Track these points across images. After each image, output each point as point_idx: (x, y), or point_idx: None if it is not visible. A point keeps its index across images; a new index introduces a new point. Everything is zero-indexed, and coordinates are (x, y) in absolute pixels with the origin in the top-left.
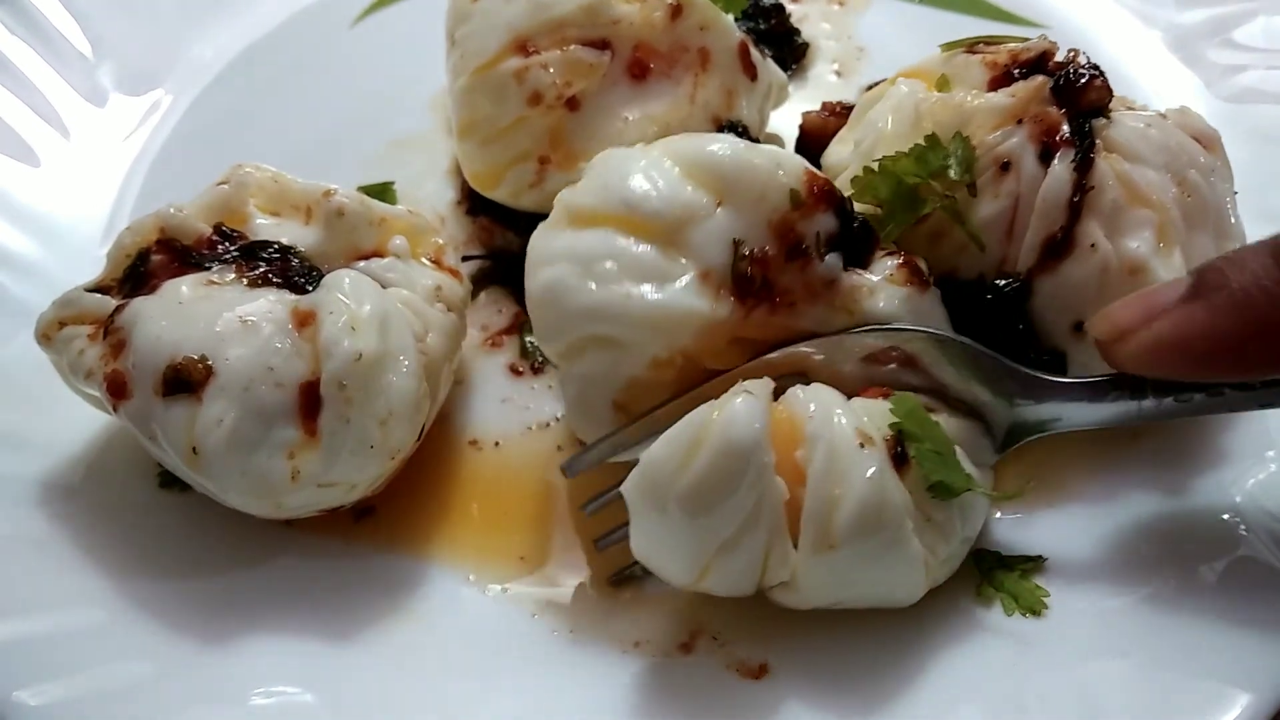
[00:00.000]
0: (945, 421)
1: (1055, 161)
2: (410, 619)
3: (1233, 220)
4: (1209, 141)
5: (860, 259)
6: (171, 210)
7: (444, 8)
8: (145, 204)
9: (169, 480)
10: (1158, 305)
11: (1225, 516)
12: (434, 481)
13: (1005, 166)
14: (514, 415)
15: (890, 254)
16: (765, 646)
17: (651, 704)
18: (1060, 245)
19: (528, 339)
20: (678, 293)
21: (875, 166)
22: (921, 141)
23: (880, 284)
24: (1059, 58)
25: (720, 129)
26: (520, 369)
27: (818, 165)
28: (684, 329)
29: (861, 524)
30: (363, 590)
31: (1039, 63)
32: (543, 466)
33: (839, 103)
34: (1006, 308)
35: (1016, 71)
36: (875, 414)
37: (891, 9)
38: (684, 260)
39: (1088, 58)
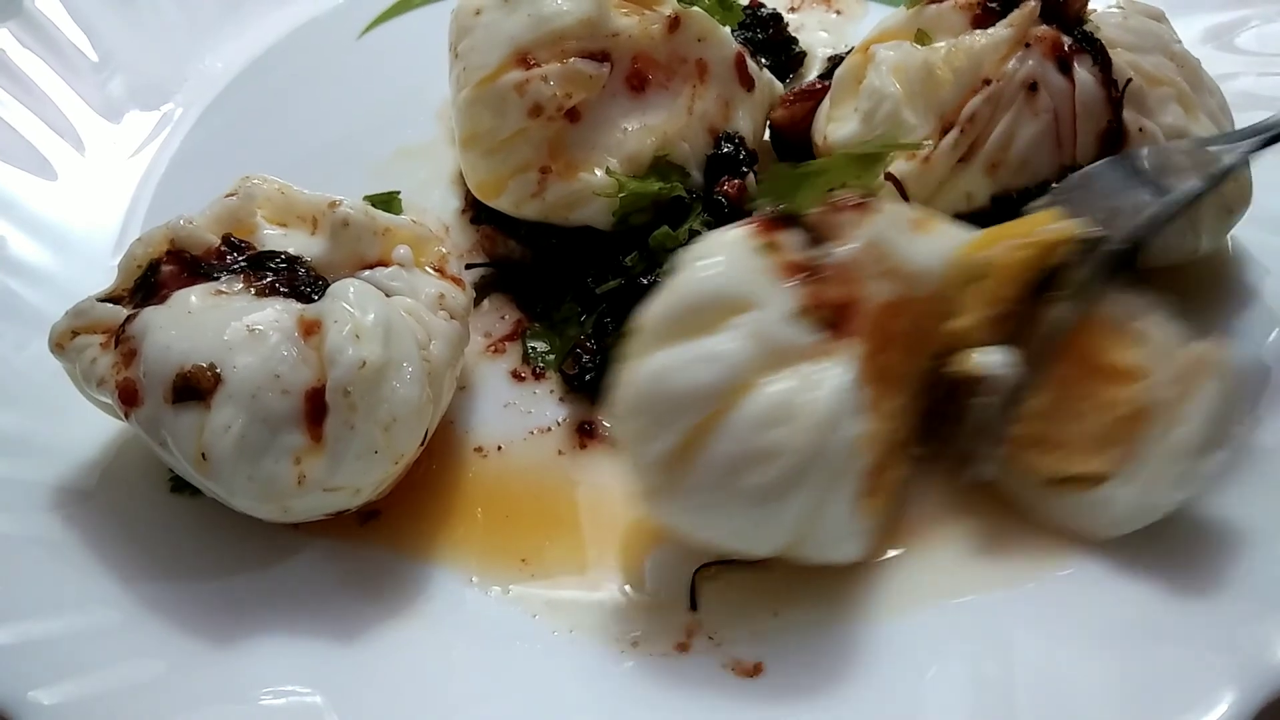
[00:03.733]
0: None
1: (1076, 69)
2: (415, 620)
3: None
4: (1159, 16)
5: (827, 233)
6: (181, 222)
7: (448, 20)
8: (156, 216)
9: (180, 485)
10: None
11: (1207, 507)
12: (438, 485)
13: (1033, 88)
14: (516, 420)
15: (829, 211)
16: (760, 646)
17: (649, 701)
18: (1116, 135)
19: (529, 345)
20: (814, 383)
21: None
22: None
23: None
24: None
25: (717, 140)
26: (522, 374)
27: (797, 156)
28: (848, 388)
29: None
30: (369, 592)
31: None
32: (544, 470)
33: (793, 89)
34: None
35: (995, 5)
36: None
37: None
38: (785, 367)
39: None
